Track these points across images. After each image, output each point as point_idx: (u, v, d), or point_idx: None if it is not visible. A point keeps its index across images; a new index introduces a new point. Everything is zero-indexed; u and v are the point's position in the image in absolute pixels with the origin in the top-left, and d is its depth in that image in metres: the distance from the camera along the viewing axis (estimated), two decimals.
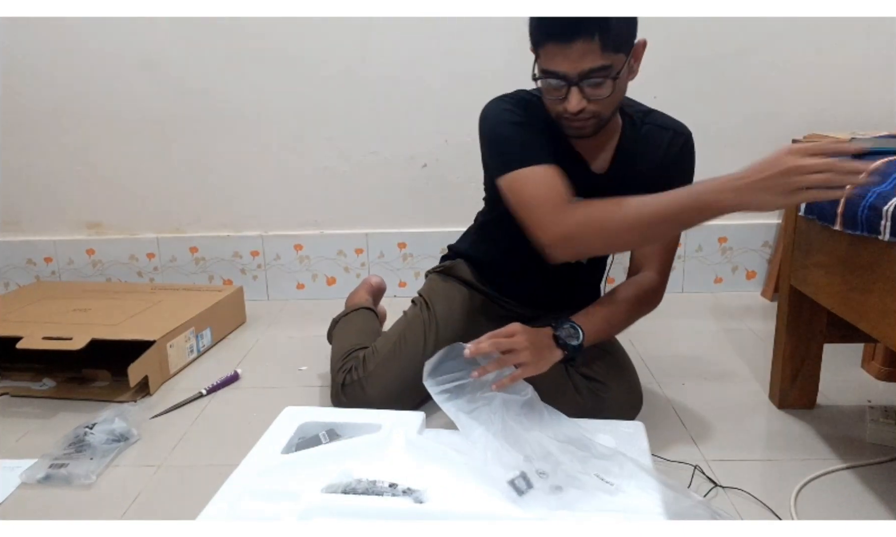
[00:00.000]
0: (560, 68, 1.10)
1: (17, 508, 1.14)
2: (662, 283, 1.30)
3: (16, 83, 2.14)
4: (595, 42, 1.06)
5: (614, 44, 1.08)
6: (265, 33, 2.07)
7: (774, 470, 1.20)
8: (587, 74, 1.09)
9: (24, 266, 2.31)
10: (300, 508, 0.94)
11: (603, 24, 1.06)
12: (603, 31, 1.06)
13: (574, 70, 1.09)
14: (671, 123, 1.31)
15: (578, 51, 1.07)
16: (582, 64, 1.08)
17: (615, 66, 1.10)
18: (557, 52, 1.09)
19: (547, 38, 1.09)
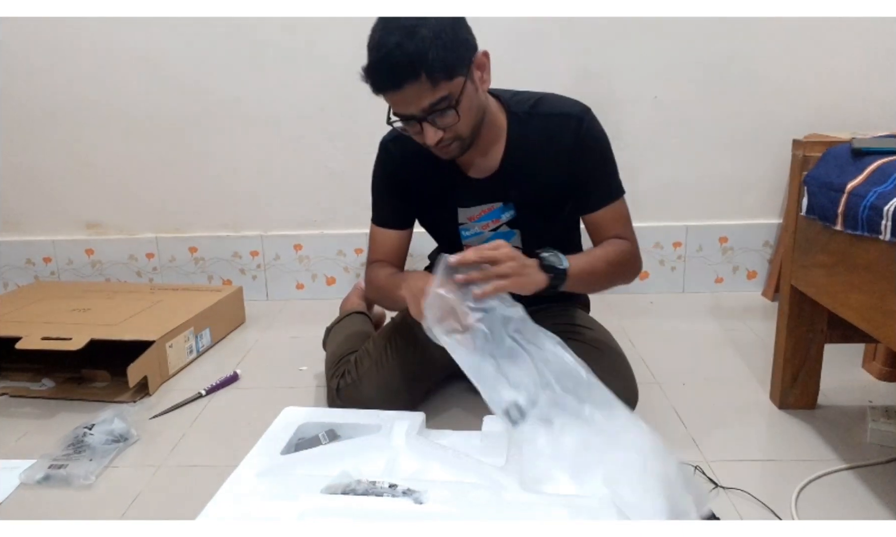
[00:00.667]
0: (403, 111, 1.13)
1: (17, 508, 1.14)
2: (635, 247, 1.33)
3: (15, 83, 2.14)
4: (423, 80, 1.07)
5: (444, 74, 1.08)
6: (264, 32, 2.07)
7: (775, 471, 1.20)
8: (430, 109, 1.11)
9: (24, 266, 2.30)
10: (300, 509, 0.93)
11: (422, 61, 1.06)
12: (426, 68, 1.06)
13: (416, 109, 1.11)
14: (560, 108, 1.28)
15: (411, 93, 1.09)
16: (420, 103, 1.10)
17: (453, 93, 1.11)
18: (394, 99, 1.12)
19: (379, 89, 1.11)
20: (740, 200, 2.18)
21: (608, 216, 1.30)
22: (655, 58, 2.06)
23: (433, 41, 1.05)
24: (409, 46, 1.05)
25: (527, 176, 1.28)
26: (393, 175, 1.36)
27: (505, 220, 1.34)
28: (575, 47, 2.06)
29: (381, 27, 1.09)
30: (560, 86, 2.06)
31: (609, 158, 1.30)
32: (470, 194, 1.32)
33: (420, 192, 1.36)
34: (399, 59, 1.05)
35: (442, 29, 1.07)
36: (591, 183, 1.29)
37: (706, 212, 2.19)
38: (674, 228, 2.20)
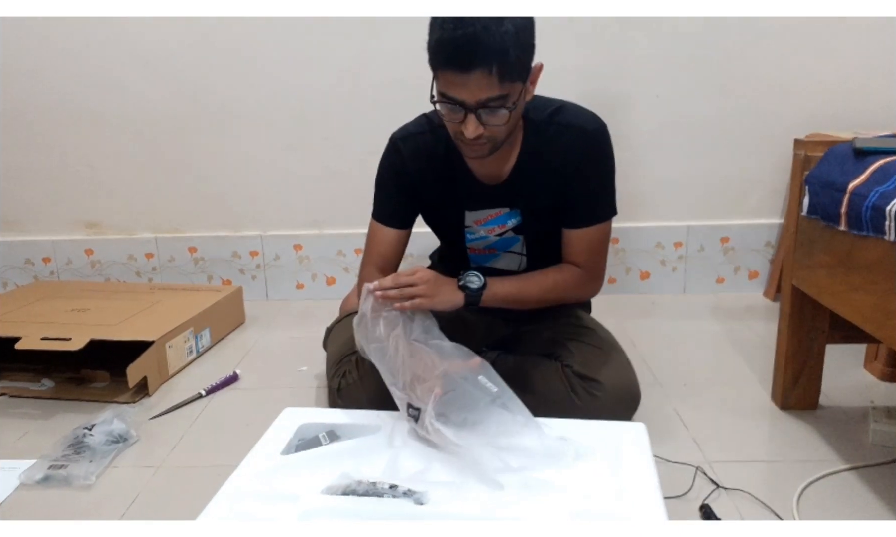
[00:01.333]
0: (457, 95, 1.09)
1: (17, 509, 1.14)
2: (588, 277, 1.32)
3: (15, 83, 2.13)
4: (493, 73, 1.05)
5: (512, 74, 1.07)
6: (263, 33, 2.06)
7: (777, 472, 1.20)
8: (484, 104, 1.09)
9: (23, 266, 2.30)
10: (300, 509, 0.93)
11: (502, 55, 1.04)
12: (501, 63, 1.05)
13: (471, 99, 1.09)
14: (578, 120, 1.26)
15: (476, 81, 1.06)
16: (479, 94, 1.08)
17: (512, 95, 1.10)
18: (455, 80, 1.08)
19: (445, 65, 1.08)
20: (742, 200, 2.17)
21: (579, 238, 1.29)
22: (657, 57, 2.06)
23: (515, 37, 1.04)
24: (495, 34, 1.02)
25: (536, 185, 1.27)
26: (401, 173, 1.34)
27: (511, 226, 1.34)
28: (576, 46, 2.05)
29: (457, 19, 1.05)
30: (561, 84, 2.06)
31: (606, 181, 1.29)
32: (478, 198, 1.32)
33: (428, 193, 1.35)
34: (483, 41, 1.02)
35: (524, 27, 1.07)
36: (581, 200, 1.27)
37: (708, 211, 2.18)
38: (675, 228, 2.19)
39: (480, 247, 1.39)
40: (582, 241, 1.29)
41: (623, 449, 1.06)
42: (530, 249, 1.37)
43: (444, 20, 1.06)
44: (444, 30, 1.05)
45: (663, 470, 1.12)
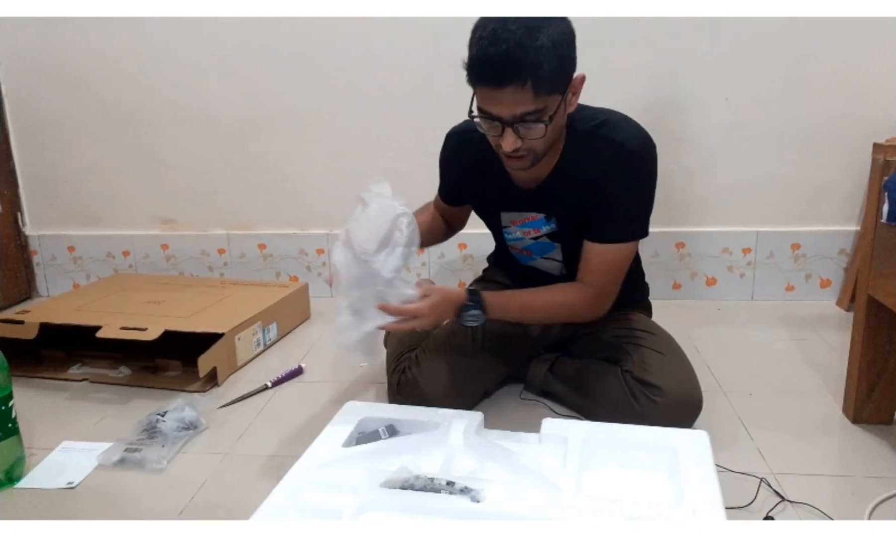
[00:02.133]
0: (494, 110, 1.10)
1: (94, 488, 1.20)
2: (594, 295, 1.28)
3: (96, 85, 2.24)
4: (527, 88, 1.05)
5: (547, 87, 1.06)
6: (333, 34, 2.11)
7: (847, 487, 1.15)
8: (520, 118, 1.08)
9: (104, 259, 2.42)
10: (359, 502, 0.95)
11: (535, 69, 1.03)
12: (535, 77, 1.04)
13: (507, 113, 1.09)
14: (621, 135, 1.22)
15: (510, 96, 1.06)
16: (514, 109, 1.08)
17: (549, 108, 1.09)
18: (490, 96, 1.09)
19: (479, 81, 1.09)
20: (815, 206, 2.10)
21: (597, 254, 1.26)
22: (727, 58, 2.01)
23: (550, 51, 1.04)
24: (527, 48, 1.02)
25: (570, 194, 1.26)
26: (448, 165, 1.44)
27: (545, 232, 1.34)
28: (645, 47, 2.02)
29: (495, 19, 1.06)
30: (629, 86, 2.04)
31: (639, 201, 1.25)
32: (514, 201, 1.33)
33: (471, 187, 1.40)
34: (515, 57, 1.03)
35: (560, 40, 1.06)
36: (607, 214, 1.24)
37: (778, 217, 2.11)
38: (743, 234, 2.13)
39: (519, 247, 1.41)
40: (598, 257, 1.26)
41: (684, 457, 1.05)
42: (567, 258, 1.36)
43: (480, 36, 1.07)
44: (480, 46, 1.06)
45: (726, 480, 1.10)
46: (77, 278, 2.44)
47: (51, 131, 2.31)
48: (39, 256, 2.44)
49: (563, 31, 1.08)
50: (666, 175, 2.17)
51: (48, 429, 1.41)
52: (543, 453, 1.08)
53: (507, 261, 1.50)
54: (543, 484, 0.98)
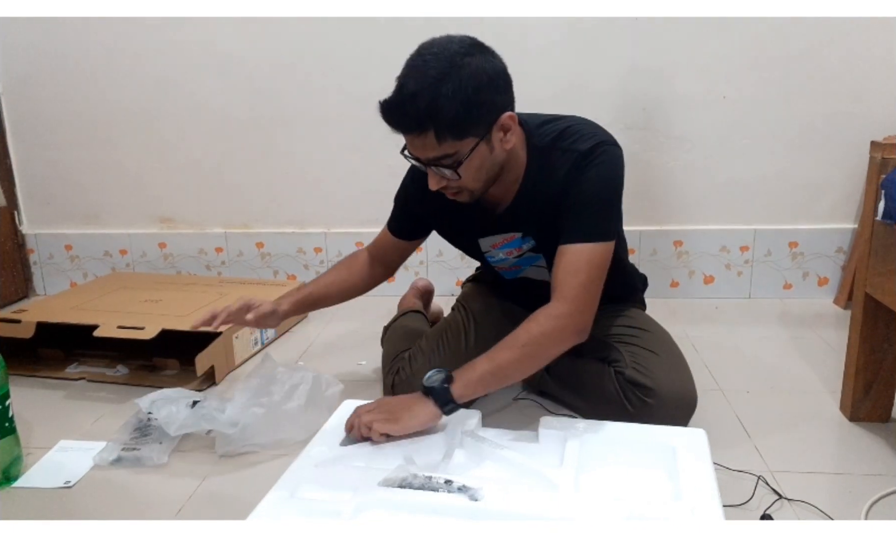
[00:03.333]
0: (411, 152, 1.12)
1: (90, 488, 1.20)
2: (569, 310, 1.14)
3: (94, 84, 2.24)
4: (429, 135, 1.05)
5: (453, 134, 1.06)
6: (333, 34, 2.11)
7: (844, 485, 1.15)
8: (434, 161, 1.09)
9: (102, 257, 2.41)
10: (357, 501, 0.95)
11: (434, 119, 1.03)
12: (437, 125, 1.04)
13: (421, 156, 1.10)
14: (575, 143, 1.19)
15: (417, 142, 1.08)
16: (424, 153, 1.09)
17: (461, 151, 1.08)
18: (405, 138, 1.11)
19: (389, 125, 1.09)
20: (812, 204, 2.10)
21: (567, 255, 1.17)
22: (725, 57, 2.01)
23: (451, 99, 1.03)
24: (423, 99, 1.03)
25: (538, 210, 1.25)
26: (414, 195, 1.37)
27: (527, 249, 1.33)
28: (643, 46, 2.02)
29: (409, 65, 1.08)
30: (627, 85, 2.04)
31: (599, 198, 1.18)
32: (488, 225, 1.32)
33: (440, 219, 1.39)
34: (409, 109, 1.04)
35: (464, 87, 1.04)
36: (570, 214, 1.19)
37: (776, 215, 2.12)
38: (741, 232, 2.14)
39: (505, 266, 1.40)
40: (565, 259, 1.17)
41: (682, 455, 1.05)
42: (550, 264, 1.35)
43: (397, 80, 1.08)
44: (391, 93, 1.08)
45: (723, 478, 1.10)
46: (74, 277, 2.44)
47: (48, 130, 2.31)
48: (36, 255, 2.43)
49: (474, 74, 1.05)
50: (664, 173, 2.19)
51: (45, 428, 1.41)
52: (541, 451, 1.08)
53: (497, 278, 1.48)
54: (541, 483, 0.99)
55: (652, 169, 2.07)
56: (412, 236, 1.47)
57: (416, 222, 1.43)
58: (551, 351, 1.16)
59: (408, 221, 1.44)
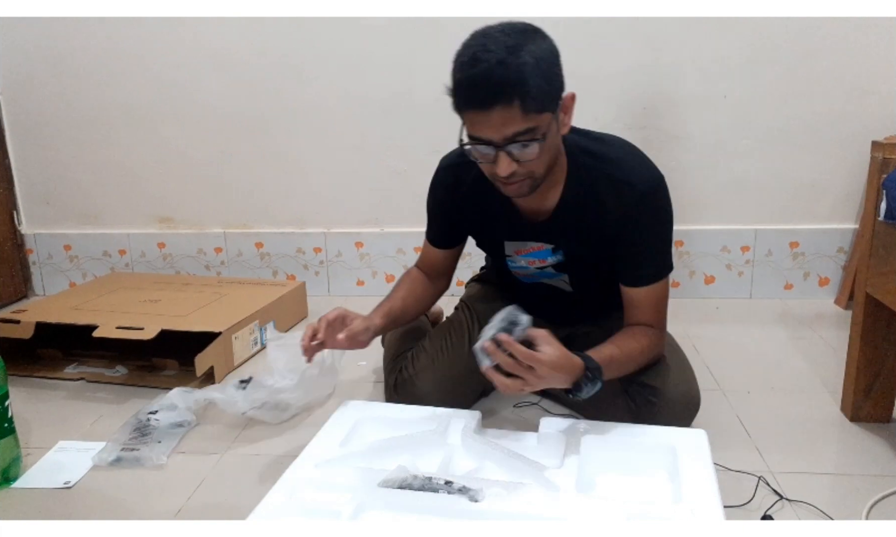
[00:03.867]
0: (484, 134, 1.05)
1: (89, 489, 1.20)
2: (662, 336, 1.28)
3: (93, 83, 2.24)
4: (515, 106, 1.01)
5: (536, 105, 1.03)
6: (332, 34, 2.11)
7: (845, 486, 1.15)
8: (511, 138, 1.05)
9: (101, 258, 2.41)
10: (356, 501, 0.95)
11: (521, 86, 1.00)
12: (522, 94, 1.01)
13: (498, 135, 1.04)
14: (627, 175, 1.18)
15: (499, 117, 1.02)
16: (504, 129, 1.03)
17: (540, 127, 1.05)
18: (478, 119, 1.05)
19: (466, 105, 1.05)
20: (813, 204, 2.10)
21: (644, 296, 1.23)
22: (726, 57, 2.01)
23: (534, 67, 1.01)
24: (511, 66, 1.00)
25: (580, 231, 1.24)
26: (441, 202, 1.36)
27: (551, 263, 1.32)
28: (644, 46, 2.02)
29: (478, 41, 1.03)
30: (628, 85, 2.04)
31: (662, 238, 1.23)
32: (519, 231, 1.30)
33: (468, 220, 1.35)
34: (498, 77, 0.99)
35: (544, 57, 1.03)
36: (637, 258, 1.22)
37: (776, 215, 2.12)
38: (742, 232, 2.13)
39: (523, 274, 1.38)
40: (650, 300, 1.24)
41: (683, 455, 1.05)
42: (575, 287, 1.35)
43: (462, 61, 1.05)
44: (462, 70, 1.04)
45: (724, 479, 1.10)
46: (73, 277, 2.43)
47: (47, 129, 2.31)
48: (35, 255, 2.43)
49: (546, 48, 1.05)
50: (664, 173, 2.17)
51: (44, 429, 1.41)
52: (541, 452, 1.08)
53: (508, 280, 1.45)
54: (541, 483, 0.98)
55: None
56: (455, 242, 1.42)
57: (453, 225, 1.39)
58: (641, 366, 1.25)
59: (446, 227, 1.40)
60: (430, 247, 1.43)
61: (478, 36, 1.06)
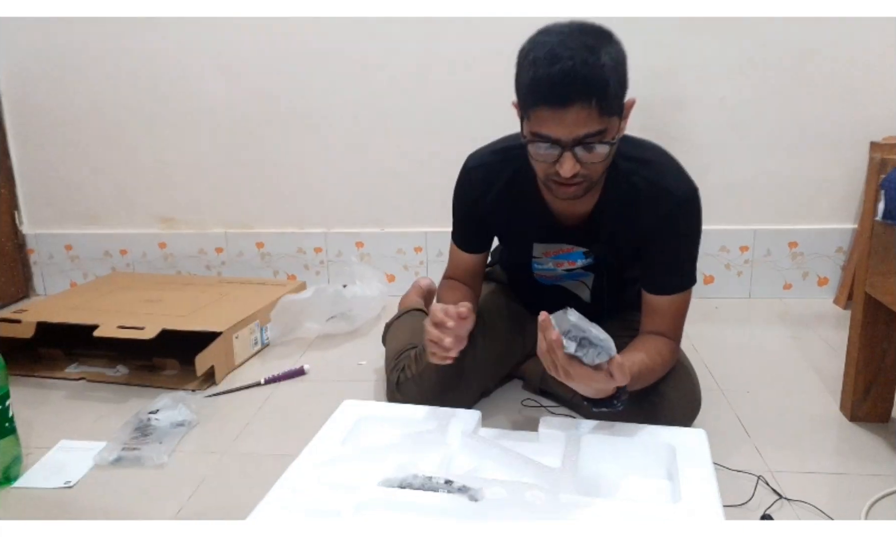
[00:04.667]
0: (553, 133, 1.04)
1: (91, 488, 1.20)
2: (675, 346, 1.27)
3: (94, 84, 2.24)
4: (592, 107, 1.01)
5: (610, 108, 1.03)
6: (332, 34, 2.11)
7: (844, 485, 1.15)
8: (581, 140, 1.04)
9: (102, 258, 2.41)
10: (357, 500, 0.95)
11: (601, 88, 1.00)
12: (601, 96, 1.00)
13: (569, 135, 1.03)
14: (668, 182, 1.19)
15: (574, 116, 1.01)
16: (577, 130, 1.03)
17: (610, 129, 1.05)
18: (551, 117, 1.03)
19: (540, 101, 1.03)
20: (812, 204, 2.10)
21: (666, 305, 1.23)
22: (723, 57, 2.01)
23: (613, 69, 1.01)
24: (594, 65, 0.99)
25: (615, 235, 1.24)
26: (473, 203, 1.33)
27: (581, 266, 1.32)
28: (642, 47, 2.01)
29: (553, 39, 1.02)
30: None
31: (691, 249, 1.24)
32: (553, 233, 1.29)
33: (498, 221, 1.33)
34: (582, 74, 0.98)
35: (620, 59, 1.03)
36: (665, 265, 1.22)
37: (775, 215, 2.12)
38: (741, 232, 2.14)
39: (549, 275, 1.38)
40: (670, 309, 1.23)
41: (682, 455, 1.05)
42: (597, 287, 1.36)
43: (535, 57, 1.03)
44: (538, 67, 1.02)
45: (723, 478, 1.10)
46: (74, 277, 2.44)
47: (48, 130, 2.31)
48: (37, 255, 2.43)
49: (620, 51, 1.05)
50: None
51: (45, 428, 1.41)
52: (541, 452, 1.08)
53: (524, 280, 1.44)
54: (541, 483, 0.99)
55: None
56: (485, 246, 1.40)
57: (483, 228, 1.37)
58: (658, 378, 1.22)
59: (476, 230, 1.37)
60: (459, 252, 1.40)
61: (550, 33, 1.04)
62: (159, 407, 1.41)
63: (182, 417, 1.39)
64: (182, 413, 1.39)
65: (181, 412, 1.39)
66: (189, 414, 1.40)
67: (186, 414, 1.39)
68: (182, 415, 1.39)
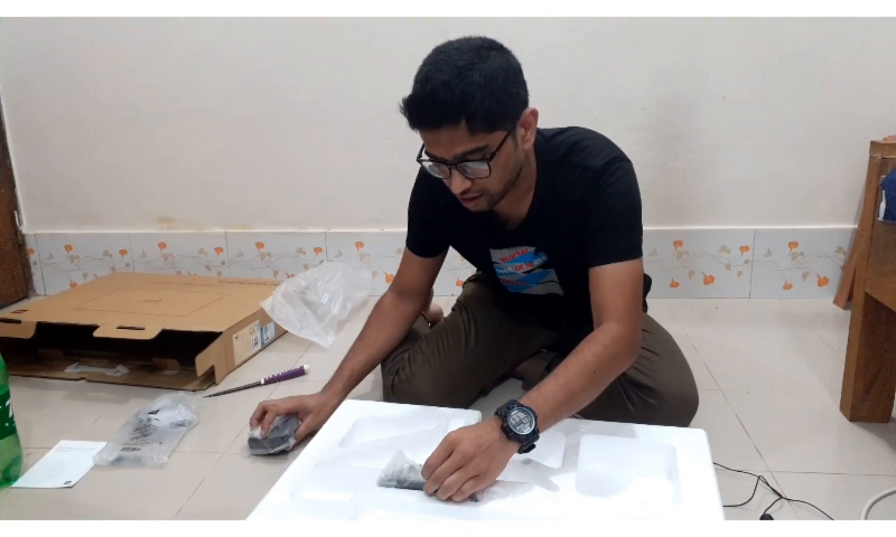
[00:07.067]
0: (434, 152, 1.08)
1: (91, 488, 1.20)
2: (628, 331, 1.11)
3: (94, 83, 2.24)
4: (461, 126, 1.02)
5: (484, 125, 1.03)
6: (332, 33, 2.11)
7: (844, 485, 1.15)
8: (461, 157, 1.06)
9: (101, 258, 2.41)
10: (357, 500, 0.95)
11: (466, 107, 1.01)
12: (468, 115, 1.01)
13: (447, 154, 1.06)
14: (586, 160, 1.18)
15: (446, 136, 1.03)
16: (453, 148, 1.05)
17: (491, 145, 1.06)
18: (428, 138, 1.07)
19: (414, 124, 1.06)
20: (812, 204, 2.10)
21: (607, 276, 1.15)
22: (725, 57, 2.01)
23: (482, 88, 1.01)
24: (455, 88, 1.01)
25: (553, 226, 1.24)
26: (426, 205, 1.35)
27: (538, 264, 1.33)
28: (643, 47, 2.02)
29: (432, 60, 1.05)
30: (627, 85, 2.04)
31: (623, 215, 1.17)
32: (501, 238, 1.31)
33: (452, 228, 1.35)
34: (443, 98, 1.01)
35: (494, 77, 1.03)
36: (598, 235, 1.17)
37: (776, 215, 2.12)
38: (741, 232, 2.14)
39: (513, 280, 1.39)
40: (606, 280, 1.15)
41: (682, 455, 1.05)
42: (564, 281, 1.36)
43: (416, 79, 1.06)
44: (414, 88, 1.06)
45: (723, 478, 1.10)
46: (74, 277, 2.44)
47: (48, 130, 2.31)
48: (36, 255, 2.43)
49: (499, 66, 1.05)
50: (664, 173, 2.19)
51: (45, 429, 1.41)
52: (541, 452, 1.08)
53: (496, 286, 1.46)
54: (541, 483, 0.99)
55: (652, 169, 2.07)
56: (435, 250, 1.42)
57: (434, 231, 1.39)
58: (616, 373, 1.13)
59: (426, 234, 1.40)
60: (411, 255, 1.43)
61: (436, 53, 1.07)
62: (159, 407, 1.41)
63: (182, 417, 1.39)
64: (182, 413, 1.39)
65: (181, 412, 1.39)
66: (189, 414, 1.40)
67: (186, 415, 1.39)
68: (182, 416, 1.39)
